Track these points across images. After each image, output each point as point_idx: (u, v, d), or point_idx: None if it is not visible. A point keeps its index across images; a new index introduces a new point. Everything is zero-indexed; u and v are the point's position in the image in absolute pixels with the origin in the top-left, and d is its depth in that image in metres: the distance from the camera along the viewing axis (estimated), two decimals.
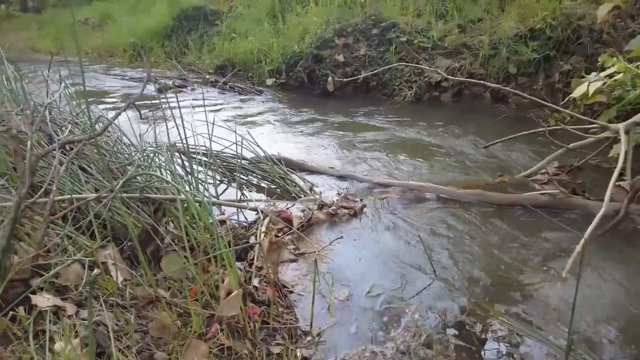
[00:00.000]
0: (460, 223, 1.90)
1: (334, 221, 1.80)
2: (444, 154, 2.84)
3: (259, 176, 2.38)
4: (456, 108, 4.07)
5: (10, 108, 2.03)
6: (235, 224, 1.75)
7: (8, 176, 1.72)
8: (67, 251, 1.40)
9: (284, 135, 3.41)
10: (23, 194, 1.22)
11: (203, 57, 5.81)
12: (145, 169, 1.70)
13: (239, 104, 4.34)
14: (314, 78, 4.66)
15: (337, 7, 5.03)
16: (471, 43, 4.39)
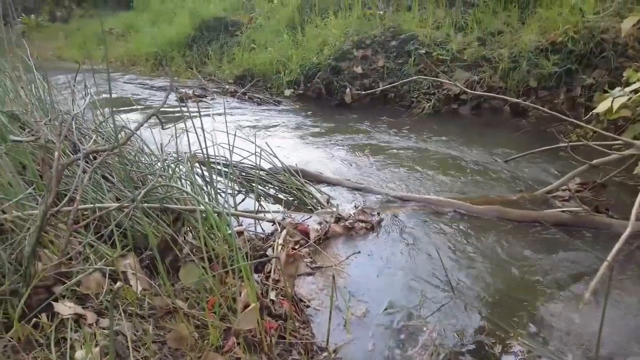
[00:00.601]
0: (478, 240, 1.87)
1: (351, 235, 1.80)
2: (462, 168, 2.81)
3: (276, 187, 2.40)
4: (475, 121, 4.03)
5: (39, 117, 2.09)
6: (252, 235, 1.76)
7: (34, 184, 1.77)
8: (89, 259, 1.42)
9: (301, 145, 3.43)
10: (49, 203, 1.25)
11: (223, 67, 5.90)
12: (166, 179, 1.73)
13: (257, 114, 4.38)
14: (332, 89, 4.69)
15: (356, 19, 5.06)
16: (491, 56, 4.36)
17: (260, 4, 6.68)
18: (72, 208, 1.40)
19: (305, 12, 5.75)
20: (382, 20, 4.94)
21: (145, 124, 1.53)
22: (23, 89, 2.37)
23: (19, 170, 1.77)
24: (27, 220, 1.42)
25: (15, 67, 2.48)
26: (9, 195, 1.61)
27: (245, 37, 6.13)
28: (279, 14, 6.09)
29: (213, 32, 6.68)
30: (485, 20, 4.66)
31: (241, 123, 3.94)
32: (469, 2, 4.99)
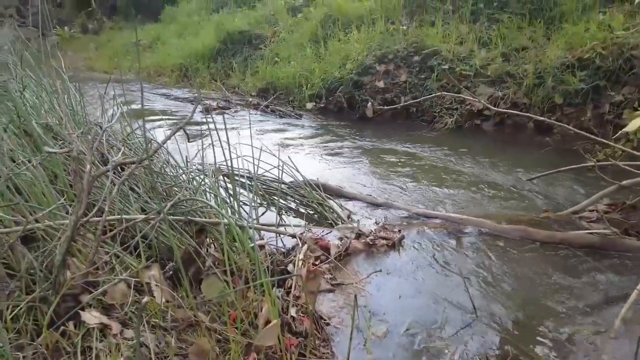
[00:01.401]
0: (502, 260, 1.84)
1: (372, 252, 1.79)
2: (485, 185, 2.78)
3: (297, 200, 2.41)
4: (498, 137, 3.99)
5: (72, 129, 2.17)
6: (273, 249, 1.77)
7: (65, 193, 1.82)
8: (114, 270, 1.46)
9: (322, 159, 3.44)
10: (80, 214, 1.29)
11: (246, 80, 6.01)
12: (191, 192, 1.76)
13: (279, 126, 4.43)
14: (354, 103, 4.71)
15: (379, 34, 5.10)
16: (515, 72, 4.31)
17: (284, 18, 6.79)
18: (101, 219, 1.44)
19: (329, 26, 5.82)
20: (405, 35, 4.96)
21: None
22: (57, 100, 2.46)
23: (51, 179, 1.83)
24: (58, 230, 1.47)
25: (51, 79, 2.58)
26: (42, 204, 1.67)
27: (269, 50, 6.24)
28: (303, 28, 6.18)
29: (237, 45, 6.82)
30: (509, 36, 4.63)
31: (263, 135, 3.99)
32: (493, 18, 4.97)
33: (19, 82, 2.38)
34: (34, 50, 2.75)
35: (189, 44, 7.81)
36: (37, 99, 2.39)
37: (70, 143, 1.66)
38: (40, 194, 1.65)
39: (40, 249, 1.50)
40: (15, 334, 1.21)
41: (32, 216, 1.62)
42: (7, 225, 1.47)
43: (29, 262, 1.39)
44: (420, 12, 5.38)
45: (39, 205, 1.65)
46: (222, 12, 8.50)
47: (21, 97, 2.20)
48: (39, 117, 2.18)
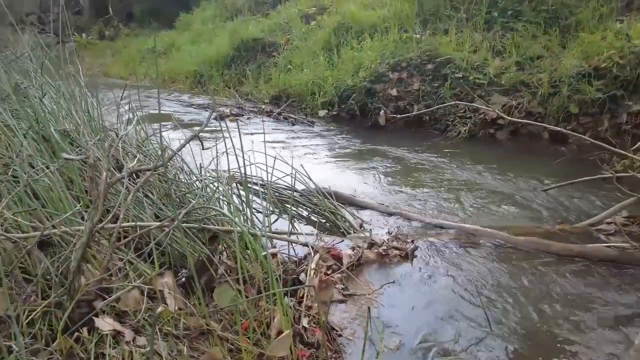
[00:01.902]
0: (517, 273, 1.81)
1: (384, 262, 1.78)
2: (499, 195, 2.75)
3: (309, 209, 2.41)
4: (512, 147, 3.94)
5: (88, 135, 2.20)
6: (285, 257, 1.76)
7: (80, 199, 1.85)
8: (128, 276, 1.47)
9: (334, 166, 3.44)
10: (96, 221, 1.30)
11: (259, 87, 6.05)
12: (205, 199, 1.77)
13: (292, 134, 4.45)
14: (366, 111, 4.71)
15: (392, 42, 5.10)
16: (529, 80, 4.28)
17: (297, 26, 6.84)
18: (116, 226, 1.45)
19: (342, 34, 5.84)
20: (419, 43, 4.95)
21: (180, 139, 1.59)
22: (74, 106, 2.50)
23: (67, 184, 1.86)
24: (74, 235, 1.49)
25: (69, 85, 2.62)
26: (59, 209, 1.69)
27: (282, 58, 6.28)
28: (316, 36, 6.21)
29: (251, 53, 6.88)
30: (524, 45, 4.60)
31: (276, 142, 4.01)
32: (508, 26, 4.94)
33: (39, 89, 2.43)
34: (52, 56, 2.80)
35: (203, 51, 7.91)
36: (56, 105, 2.44)
37: (86, 150, 1.68)
38: (57, 199, 1.68)
39: (57, 254, 1.52)
40: (30, 339, 1.22)
41: (49, 221, 1.64)
42: (25, 230, 1.49)
43: (45, 267, 1.41)
44: (433, 21, 5.38)
45: (56, 210, 1.68)
46: (237, 20, 8.59)
47: (40, 104, 2.25)
48: (57, 123, 2.21)
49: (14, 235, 1.39)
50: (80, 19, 17.08)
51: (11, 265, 1.38)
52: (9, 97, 2.37)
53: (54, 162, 1.88)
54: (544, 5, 4.93)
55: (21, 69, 2.77)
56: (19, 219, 1.55)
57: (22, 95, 2.43)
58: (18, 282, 1.46)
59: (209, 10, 10.88)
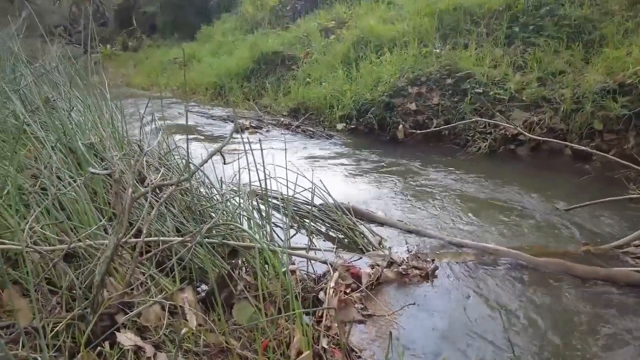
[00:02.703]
0: (540, 295, 1.77)
1: (404, 282, 1.76)
2: (520, 214, 2.70)
3: (327, 224, 2.40)
4: (533, 163, 3.88)
5: (113, 147, 2.25)
6: (304, 274, 1.76)
7: (104, 211, 1.88)
8: (150, 291, 1.48)
9: (351, 181, 3.44)
10: (120, 236, 1.33)
11: (278, 100, 6.10)
12: (227, 214, 1.79)
13: (310, 147, 4.47)
14: (385, 125, 4.70)
15: (411, 56, 5.10)
16: (551, 96, 4.22)
17: (316, 39, 6.90)
18: (139, 240, 1.47)
19: (361, 48, 5.87)
20: (438, 58, 4.94)
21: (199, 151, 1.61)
22: (99, 119, 2.57)
23: (91, 196, 1.90)
24: (98, 249, 1.51)
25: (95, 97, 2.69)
26: (83, 221, 1.73)
27: (301, 71, 6.34)
28: (335, 49, 6.25)
29: (270, 65, 6.97)
30: (545, 60, 4.54)
31: (294, 156, 4.03)
32: (529, 41, 4.90)
33: (67, 101, 2.50)
34: (78, 67, 2.88)
35: (223, 63, 8.03)
36: (82, 117, 2.50)
37: (112, 164, 1.72)
38: (82, 212, 1.71)
39: (81, 266, 1.55)
40: (55, 352, 1.24)
41: (74, 234, 1.68)
42: (52, 243, 1.53)
43: (70, 279, 1.43)
44: (453, 35, 5.37)
45: (81, 222, 1.71)
46: (257, 33, 8.72)
47: (68, 117, 2.31)
48: (83, 135, 2.27)
49: (42, 248, 1.42)
50: (105, 30, 17.59)
51: (38, 278, 1.41)
52: (38, 109, 2.45)
53: (80, 175, 1.92)
54: (566, 20, 4.88)
55: (50, 81, 2.86)
56: (47, 231, 1.59)
57: (51, 107, 2.50)
58: (43, 294, 1.49)
59: (229, 22, 11.07)
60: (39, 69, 2.94)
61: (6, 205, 1.67)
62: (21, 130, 1.96)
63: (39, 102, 2.44)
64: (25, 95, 2.59)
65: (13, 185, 1.66)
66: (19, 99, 2.44)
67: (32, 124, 2.14)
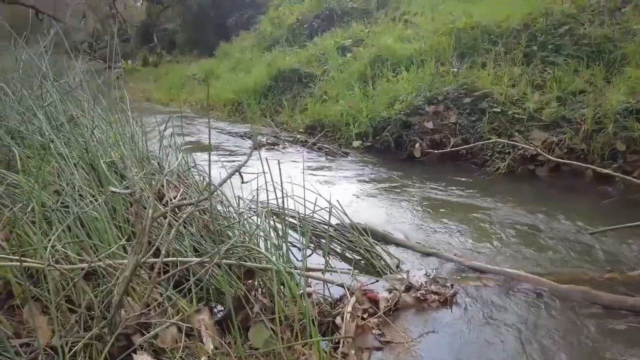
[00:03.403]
0: (563, 324, 1.71)
1: (423, 307, 1.72)
2: (541, 237, 2.63)
3: (343, 244, 2.38)
4: (553, 185, 3.80)
5: (133, 164, 2.28)
6: (320, 298, 1.74)
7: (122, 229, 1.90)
8: (167, 312, 1.48)
9: (368, 200, 3.42)
10: (140, 257, 1.33)
11: (295, 117, 6.15)
12: (244, 235, 1.79)
13: (326, 164, 4.47)
14: (401, 143, 4.68)
15: (428, 75, 5.10)
16: (571, 116, 4.15)
17: (333, 57, 6.97)
18: (158, 260, 1.48)
19: (377, 66, 5.90)
20: (456, 77, 4.93)
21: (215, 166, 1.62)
22: (121, 136, 2.61)
23: (111, 213, 1.92)
24: (117, 268, 1.52)
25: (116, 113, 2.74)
26: (103, 239, 1.75)
27: (318, 88, 6.39)
28: (351, 67, 6.30)
29: (288, 83, 7.05)
30: (565, 79, 4.49)
31: (310, 173, 4.03)
32: (548, 60, 4.86)
33: (90, 118, 2.56)
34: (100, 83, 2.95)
35: (241, 79, 8.15)
36: (104, 134, 2.55)
37: (133, 183, 1.74)
38: (102, 229, 1.73)
39: (100, 285, 1.56)
40: None
41: (94, 252, 1.69)
42: (72, 261, 1.54)
43: (89, 299, 1.44)
44: (470, 54, 5.36)
45: (100, 241, 1.73)
46: (275, 51, 8.85)
47: (91, 134, 2.36)
48: (105, 153, 2.31)
49: (63, 266, 1.44)
50: (127, 46, 18.12)
51: (58, 296, 1.42)
52: (62, 125, 2.51)
53: (101, 192, 1.95)
54: (586, 39, 4.84)
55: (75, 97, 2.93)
56: (67, 249, 1.61)
57: (74, 124, 2.56)
58: (63, 312, 1.50)
59: (247, 40, 11.28)
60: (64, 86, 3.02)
61: (29, 221, 1.71)
62: (47, 148, 2.01)
63: (63, 119, 2.50)
64: (50, 112, 2.66)
65: (37, 202, 1.69)
66: (44, 115, 2.51)
67: (56, 141, 2.18)
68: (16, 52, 3.38)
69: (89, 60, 9.68)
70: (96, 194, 1.93)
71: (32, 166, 2.15)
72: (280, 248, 1.87)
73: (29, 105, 2.69)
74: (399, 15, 7.95)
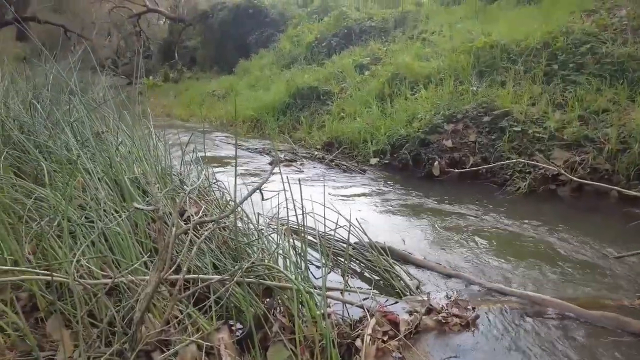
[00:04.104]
0: (589, 352, 1.65)
1: (444, 331, 1.69)
2: (566, 260, 2.57)
3: (362, 264, 2.36)
4: (576, 205, 3.72)
5: (156, 180, 2.32)
6: (339, 318, 1.72)
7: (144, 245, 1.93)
8: (187, 329, 1.48)
9: (386, 218, 3.39)
10: (163, 274, 1.34)
11: (312, 134, 6.19)
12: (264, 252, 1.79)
13: (343, 181, 4.47)
14: (419, 161, 4.66)
15: (447, 93, 5.10)
16: (594, 136, 4.08)
17: (351, 75, 7.03)
18: (179, 277, 1.49)
19: (395, 84, 5.92)
20: (475, 95, 4.91)
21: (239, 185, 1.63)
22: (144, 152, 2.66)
23: (133, 228, 1.95)
24: (138, 284, 1.54)
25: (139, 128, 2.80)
26: (125, 254, 1.77)
27: (336, 106, 6.44)
28: (369, 85, 6.34)
29: (306, 100, 7.12)
30: (587, 98, 4.43)
31: (327, 190, 4.03)
32: (569, 79, 4.81)
33: (115, 134, 2.62)
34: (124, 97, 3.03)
35: (260, 96, 8.27)
36: (128, 149, 2.60)
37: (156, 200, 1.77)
38: (125, 245, 1.76)
39: (121, 300, 1.57)
40: None
41: (116, 267, 1.72)
42: (96, 276, 1.57)
43: (111, 315, 1.46)
44: (490, 73, 5.34)
45: (123, 256, 1.75)
46: (293, 68, 8.98)
47: (115, 150, 2.41)
48: (128, 168, 2.36)
49: (88, 281, 1.46)
50: (149, 62, 18.63)
51: (82, 311, 1.44)
52: (88, 141, 2.57)
53: (124, 208, 1.99)
54: (608, 57, 4.78)
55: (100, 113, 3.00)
56: (91, 263, 1.63)
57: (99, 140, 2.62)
58: (85, 326, 1.52)
59: (266, 58, 11.46)
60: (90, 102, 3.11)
61: (55, 235, 1.74)
62: (76, 163, 2.06)
63: (89, 134, 2.56)
64: (77, 127, 2.73)
65: (64, 217, 1.72)
66: (70, 131, 2.58)
67: (82, 156, 2.24)
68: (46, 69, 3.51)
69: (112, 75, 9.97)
70: (119, 209, 1.96)
71: (59, 180, 2.21)
72: (300, 267, 1.86)
73: (57, 120, 2.77)
74: (416, 33, 8.00)
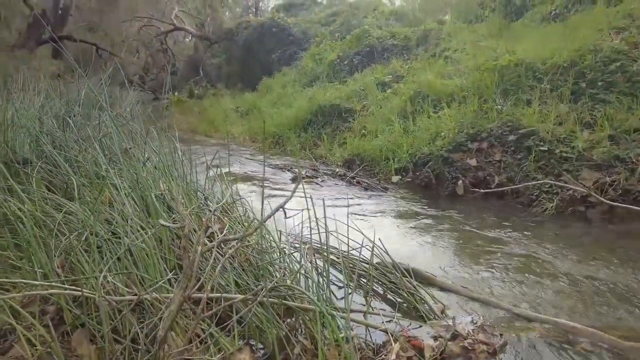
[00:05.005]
0: None
1: (470, 358, 1.63)
2: (598, 286, 2.47)
3: (384, 285, 2.32)
4: (606, 228, 3.59)
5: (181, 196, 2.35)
6: (362, 342, 1.68)
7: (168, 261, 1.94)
8: (209, 349, 1.48)
9: (408, 238, 3.34)
10: (188, 294, 1.35)
11: (333, 150, 6.21)
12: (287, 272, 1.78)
13: (365, 199, 4.44)
14: (442, 179, 4.61)
15: (471, 111, 5.05)
16: (625, 156, 3.96)
17: (373, 93, 7.05)
18: (203, 296, 1.49)
19: (418, 102, 5.90)
20: (500, 114, 4.85)
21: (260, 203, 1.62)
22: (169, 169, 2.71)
23: (157, 244, 1.97)
24: (162, 302, 1.54)
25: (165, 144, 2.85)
26: (149, 270, 1.79)
27: (357, 123, 6.45)
28: (391, 103, 6.34)
29: (327, 117, 7.17)
30: (618, 117, 4.31)
31: (349, 208, 4.01)
32: (598, 98, 4.70)
33: (142, 150, 2.68)
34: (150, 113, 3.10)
35: (282, 113, 8.37)
36: (154, 165, 2.65)
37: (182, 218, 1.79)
38: (150, 262, 1.77)
39: (145, 317, 1.58)
40: None
41: (141, 283, 1.73)
42: (120, 292, 1.58)
43: (135, 332, 1.46)
44: (514, 91, 5.27)
45: (147, 272, 1.77)
46: (315, 86, 9.07)
47: (143, 166, 2.46)
48: (154, 184, 2.39)
49: (114, 297, 1.47)
50: (175, 78, 19.13)
51: (107, 327, 1.45)
52: (116, 156, 2.63)
53: (149, 224, 2.01)
54: (639, 76, 4.66)
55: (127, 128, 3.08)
56: (116, 279, 1.65)
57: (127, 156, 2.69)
58: (109, 342, 1.53)
59: (289, 75, 11.63)
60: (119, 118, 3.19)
61: (83, 249, 1.77)
62: (104, 179, 2.10)
63: (117, 150, 2.62)
64: (106, 143, 2.81)
65: (91, 232, 1.76)
66: (99, 146, 2.64)
67: (110, 171, 2.29)
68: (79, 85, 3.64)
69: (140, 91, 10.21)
70: (145, 225, 1.99)
71: (88, 195, 2.26)
72: (322, 288, 1.84)
73: (88, 135, 2.85)
74: (439, 51, 8.00)
